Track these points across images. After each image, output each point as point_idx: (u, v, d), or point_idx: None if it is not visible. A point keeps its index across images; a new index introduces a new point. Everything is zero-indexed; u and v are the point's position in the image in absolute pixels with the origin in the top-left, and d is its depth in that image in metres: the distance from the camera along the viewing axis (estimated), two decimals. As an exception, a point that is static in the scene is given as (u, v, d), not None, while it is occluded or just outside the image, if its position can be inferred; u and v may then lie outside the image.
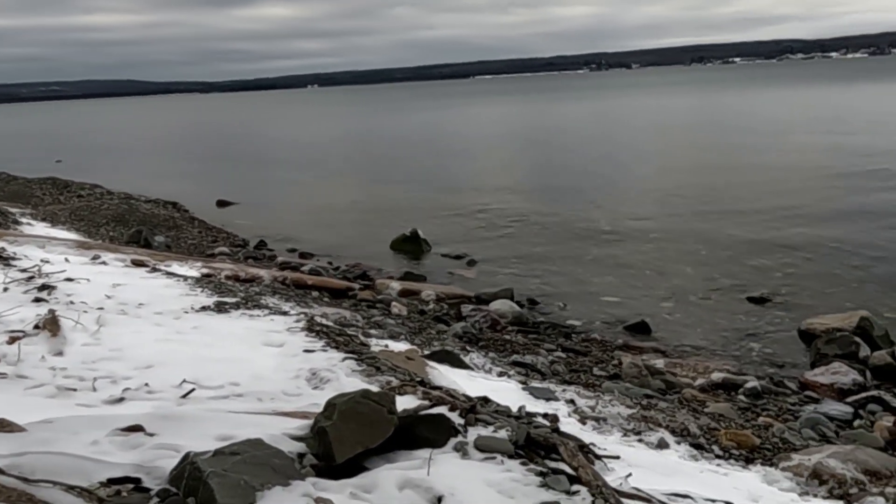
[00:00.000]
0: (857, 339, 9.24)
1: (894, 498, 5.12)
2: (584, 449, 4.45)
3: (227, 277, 10.40)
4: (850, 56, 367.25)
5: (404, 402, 4.59)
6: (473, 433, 4.23)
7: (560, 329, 10.64)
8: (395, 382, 5.20)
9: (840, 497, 5.26)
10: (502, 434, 4.22)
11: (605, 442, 5.55)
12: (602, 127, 48.96)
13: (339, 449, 3.80)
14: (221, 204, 23.12)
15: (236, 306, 7.67)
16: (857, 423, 7.20)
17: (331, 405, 3.95)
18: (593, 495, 3.66)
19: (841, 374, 8.30)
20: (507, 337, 9.72)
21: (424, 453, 3.96)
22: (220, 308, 7.52)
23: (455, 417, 4.37)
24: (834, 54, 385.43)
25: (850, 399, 7.76)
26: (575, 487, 3.75)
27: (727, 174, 24.37)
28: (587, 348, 9.63)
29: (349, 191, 25.18)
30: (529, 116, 65.64)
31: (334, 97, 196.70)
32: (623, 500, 3.80)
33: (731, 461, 5.80)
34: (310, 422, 4.06)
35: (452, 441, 4.11)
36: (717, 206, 19.17)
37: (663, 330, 10.65)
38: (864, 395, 7.80)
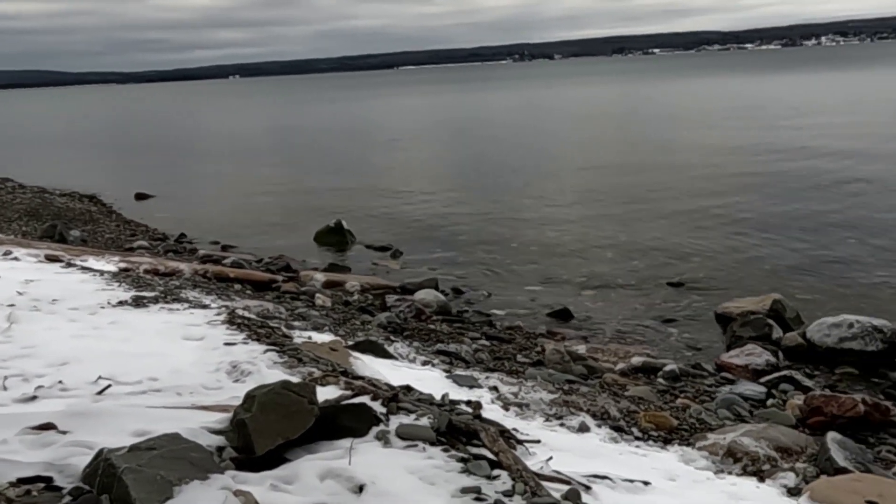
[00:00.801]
0: (771, 321, 9.55)
1: (804, 473, 5.30)
2: (506, 434, 4.50)
3: (146, 272, 10.17)
4: (763, 48, 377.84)
5: (326, 393, 4.58)
6: (396, 421, 4.25)
7: (484, 317, 10.73)
8: (317, 373, 5.17)
9: (753, 474, 5.42)
10: (424, 422, 4.24)
11: (528, 427, 5.62)
12: (527, 117, 49.39)
13: (259, 441, 3.77)
14: (140, 197, 22.59)
15: (155, 300, 7.52)
16: (770, 402, 7.44)
17: (250, 397, 3.92)
18: (514, 479, 3.72)
19: (755, 355, 8.57)
20: (432, 326, 9.76)
21: (346, 443, 3.96)
22: (139, 302, 7.37)
23: (377, 406, 4.38)
24: (749, 46, 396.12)
25: (763, 379, 8.01)
26: (496, 472, 3.80)
27: (647, 162, 24.86)
28: (511, 336, 9.72)
29: (273, 182, 24.87)
30: (455, 107, 65.78)
31: (258, 88, 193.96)
32: (543, 482, 3.86)
33: (650, 442, 5.93)
34: (230, 415, 4.01)
35: (374, 430, 4.12)
36: (637, 193, 19.54)
37: (585, 316, 10.82)
38: (776, 374, 8.06)
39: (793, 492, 5.00)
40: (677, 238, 14.71)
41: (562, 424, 5.93)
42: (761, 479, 5.26)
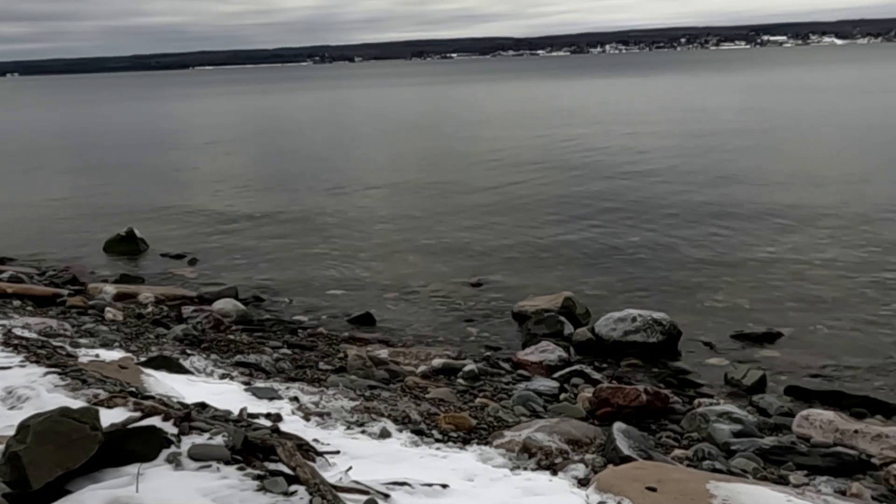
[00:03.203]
0: (562, 318, 10.01)
1: (593, 463, 5.57)
2: (304, 447, 4.44)
3: None
4: (554, 54, 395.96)
5: (113, 416, 4.35)
6: (188, 442, 4.10)
7: (286, 325, 10.58)
8: (103, 395, 4.89)
9: (547, 467, 5.63)
10: (218, 440, 4.12)
11: (329, 437, 5.58)
12: (330, 120, 49.19)
13: (34, 474, 3.52)
14: None
15: (-83, 323, 6.86)
16: (562, 396, 7.78)
17: (24, 427, 3.65)
18: (311, 493, 3.68)
19: (548, 351, 8.94)
20: (232, 337, 9.50)
21: (134, 468, 3.77)
22: None
23: (168, 427, 4.21)
24: (541, 52, 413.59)
25: (556, 374, 8.38)
26: (293, 487, 3.75)
27: (449, 165, 25.42)
28: (313, 343, 9.63)
29: (58, 188, 23.37)
30: (255, 109, 64.47)
31: (41, 86, 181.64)
32: (342, 494, 3.85)
33: (450, 443, 6.02)
34: (1, 447, 3.73)
35: (165, 452, 3.96)
36: (438, 195, 19.93)
37: (387, 320, 10.90)
38: (568, 369, 8.45)
39: (583, 482, 5.22)
40: (477, 239, 15.12)
41: (363, 431, 5.93)
42: (554, 473, 5.46)
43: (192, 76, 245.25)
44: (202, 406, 4.95)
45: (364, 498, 3.81)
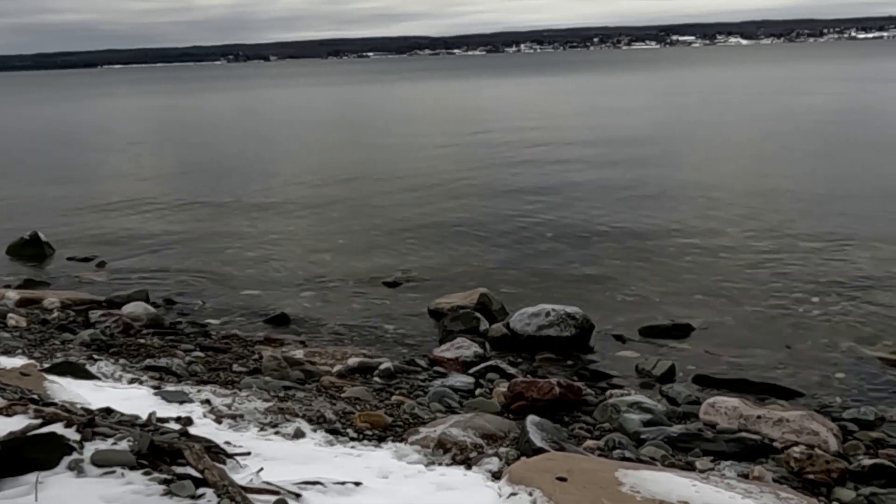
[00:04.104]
0: (478, 314, 10.09)
1: (506, 456, 5.64)
2: (213, 449, 4.38)
3: None
4: (470, 53, 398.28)
5: (13, 424, 4.21)
6: (91, 448, 4.00)
7: (199, 328, 10.39)
8: (1, 403, 4.73)
9: (462, 462, 5.67)
10: (123, 445, 4.04)
11: (241, 439, 5.51)
12: (245, 119, 48.53)
13: (-75, 486, 3.39)
14: None
15: None
16: (478, 391, 7.84)
17: (-86, 438, 3.51)
18: (219, 496, 3.63)
19: (464, 347, 9.00)
20: (142, 341, 9.28)
21: (34, 477, 3.67)
22: None
23: (71, 434, 4.10)
24: (457, 51, 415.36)
25: (472, 370, 8.44)
26: (201, 491, 3.70)
27: (366, 164, 25.35)
28: (227, 345, 9.49)
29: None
30: (166, 109, 63.10)
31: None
32: (251, 495, 3.81)
33: (365, 442, 6.02)
34: None
35: (67, 460, 3.86)
36: (355, 195, 19.85)
37: (303, 320, 10.80)
38: (483, 365, 8.53)
39: (497, 476, 5.28)
40: (393, 239, 15.11)
41: (277, 432, 5.87)
42: (469, 467, 5.51)
43: (99, 75, 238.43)
44: (107, 411, 4.84)
45: (274, 498, 3.78)
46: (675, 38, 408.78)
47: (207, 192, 20.85)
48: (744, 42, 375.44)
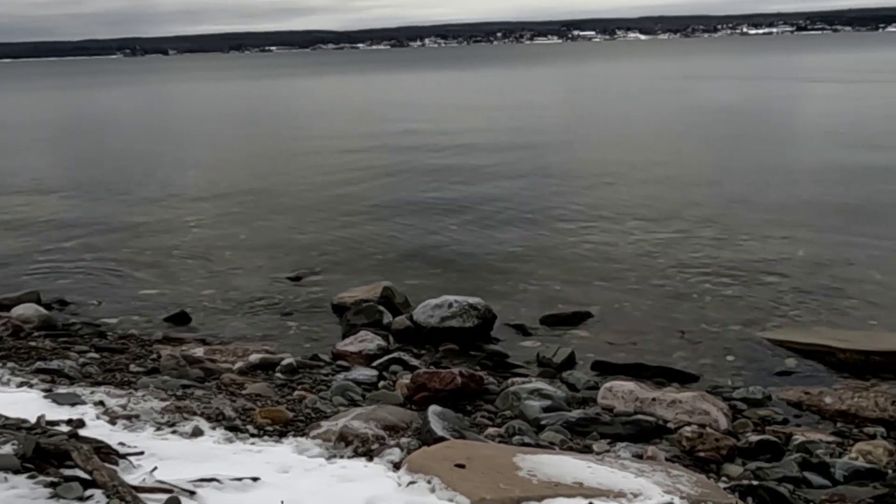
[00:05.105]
0: (381, 307, 10.09)
1: (408, 446, 5.67)
2: (105, 450, 4.28)
3: None
4: (374, 47, 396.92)
5: None
6: (-28, 454, 3.86)
7: (95, 328, 10.10)
8: None
9: (364, 454, 5.67)
10: (7, 449, 3.91)
11: (136, 439, 5.39)
12: (144, 115, 47.27)
13: None
14: None
15: None
16: (381, 384, 7.85)
17: None
18: (108, 496, 3.55)
19: (367, 341, 9.00)
20: (33, 343, 8.95)
21: None
22: None
23: (-49, 440, 3.95)
24: (361, 45, 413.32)
25: (375, 363, 8.44)
26: (89, 492, 3.61)
27: (268, 159, 25.05)
28: (124, 345, 9.25)
29: None
30: (58, 105, 60.87)
31: None
32: (143, 495, 3.74)
33: (266, 438, 5.96)
34: None
35: (-54, 467, 3.70)
36: (257, 191, 19.58)
37: (204, 318, 10.61)
38: (387, 357, 8.54)
39: (398, 466, 5.31)
40: (296, 235, 14.96)
41: (174, 431, 5.77)
42: (370, 458, 5.52)
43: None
44: (-9, 415, 4.67)
45: (167, 497, 3.71)
46: (576, 33, 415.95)
47: (102, 189, 20.24)
48: (642, 37, 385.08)
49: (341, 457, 5.56)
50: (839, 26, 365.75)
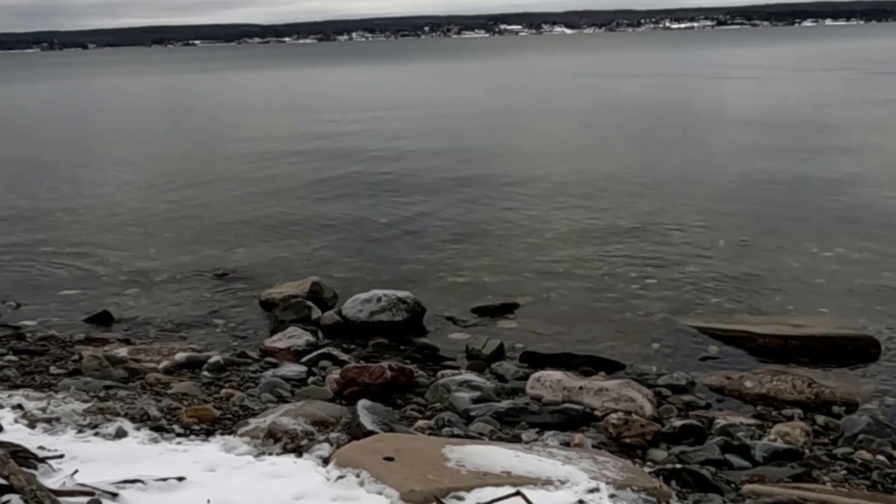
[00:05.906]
0: (310, 303, 10.00)
1: (337, 441, 5.65)
2: (22, 454, 4.17)
3: None
4: (301, 41, 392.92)
5: None
6: None
7: (13, 330, 9.80)
8: None
9: (293, 450, 5.63)
10: (-83, 456, 3.77)
11: (57, 442, 5.27)
12: (66, 111, 46.01)
13: None
14: None
15: None
16: (310, 380, 7.80)
17: None
18: (25, 501, 3.46)
19: (296, 337, 8.93)
20: (-54, 347, 8.66)
21: None
22: None
23: None
24: (287, 39, 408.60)
25: (304, 359, 8.38)
26: (6, 497, 3.51)
27: (195, 156, 24.65)
28: (44, 347, 8.99)
29: None
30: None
31: None
32: (64, 498, 3.65)
33: (193, 437, 5.88)
34: None
35: None
36: (181, 186, 19.22)
37: (128, 317, 10.36)
38: (316, 353, 8.48)
39: (327, 461, 5.29)
40: (221, 230, 14.74)
41: (97, 433, 5.65)
42: (300, 454, 5.49)
43: None
44: None
45: (88, 499, 3.63)
46: (503, 27, 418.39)
47: (19, 186, 19.65)
48: (568, 31, 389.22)
49: (270, 454, 5.52)
50: (757, 21, 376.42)
